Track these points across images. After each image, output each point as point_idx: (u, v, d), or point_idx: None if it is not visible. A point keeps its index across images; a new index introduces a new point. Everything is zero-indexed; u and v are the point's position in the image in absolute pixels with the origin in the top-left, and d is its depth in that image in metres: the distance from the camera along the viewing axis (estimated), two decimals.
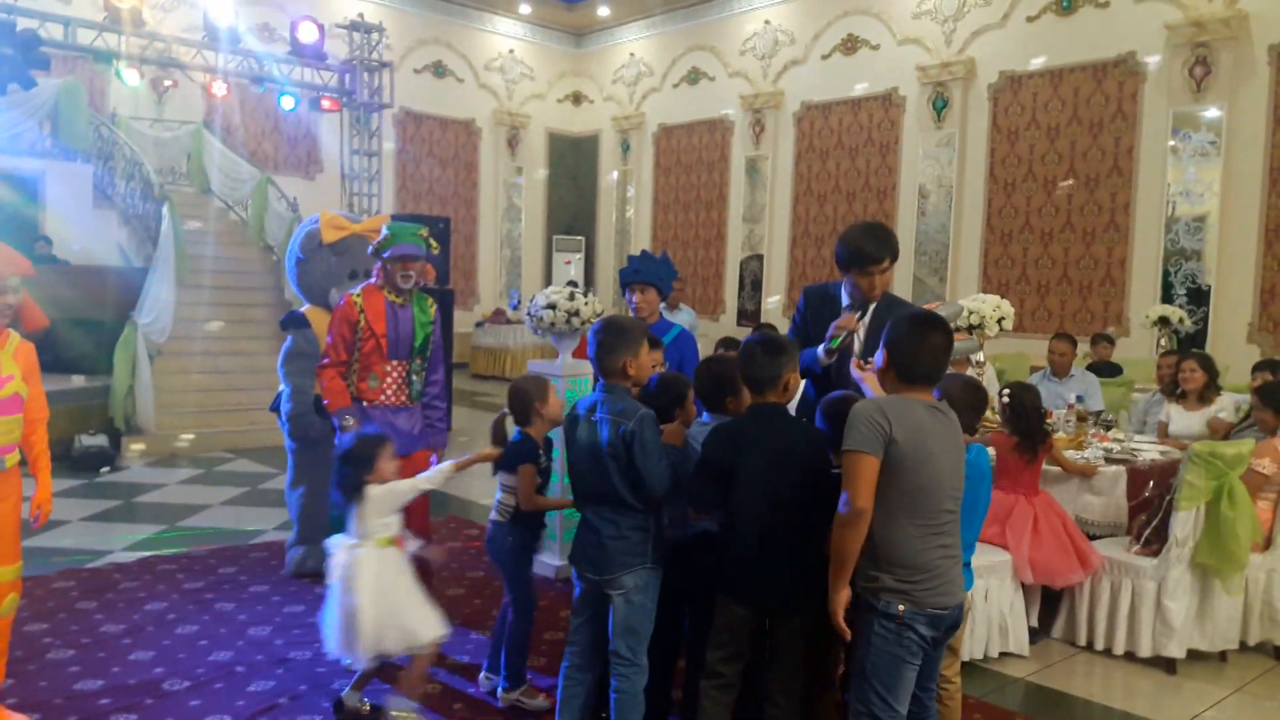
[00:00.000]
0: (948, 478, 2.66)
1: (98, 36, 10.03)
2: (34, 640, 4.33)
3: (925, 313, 2.90)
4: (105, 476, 7.82)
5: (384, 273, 4.29)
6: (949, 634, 2.73)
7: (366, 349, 4.22)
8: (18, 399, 3.37)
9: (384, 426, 4.09)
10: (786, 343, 3.10)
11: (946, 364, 2.79)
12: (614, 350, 3.11)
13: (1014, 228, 11.72)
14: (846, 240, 3.55)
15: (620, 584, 3.07)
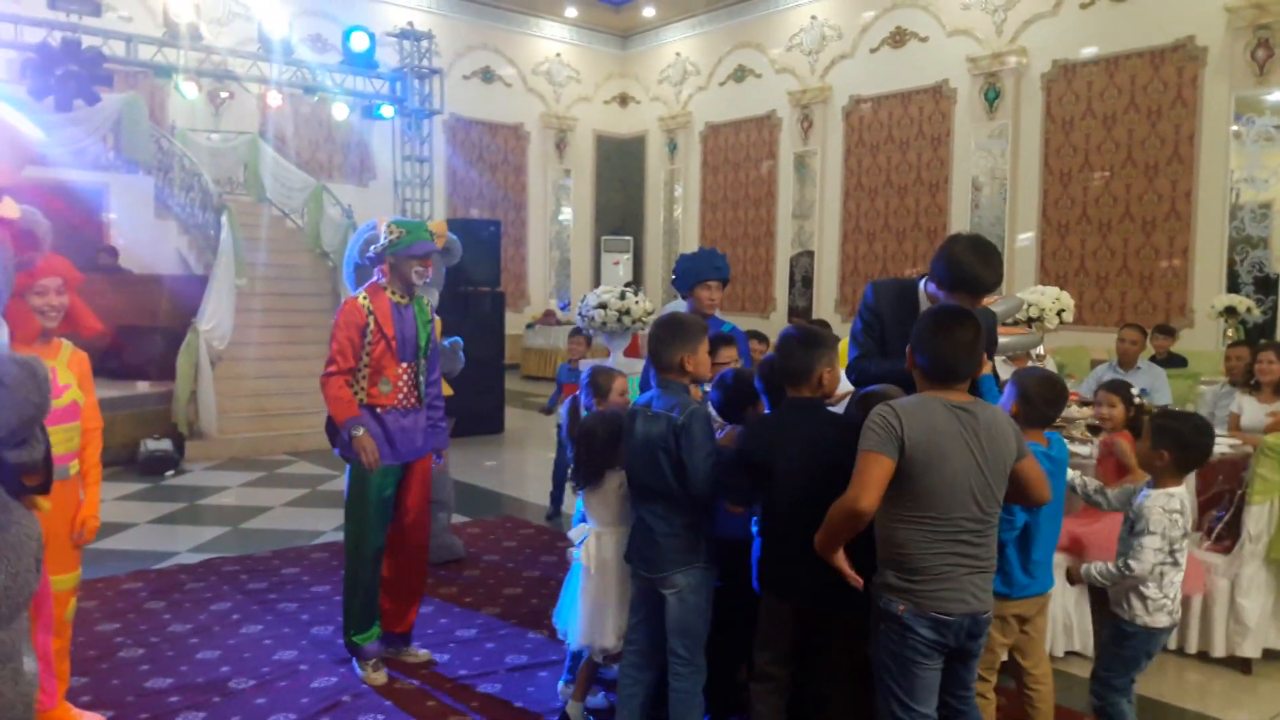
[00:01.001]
0: (969, 481, 2.55)
1: (157, 52, 10.27)
2: (106, 640, 4.43)
3: (952, 307, 2.79)
4: (170, 480, 8.00)
5: (393, 272, 4.08)
6: (971, 642, 2.63)
7: (377, 352, 4.01)
8: (75, 407, 3.39)
9: (398, 431, 4.04)
10: (823, 336, 3.06)
11: (977, 360, 2.66)
12: (671, 345, 3.10)
13: (1071, 219, 11.50)
14: (955, 261, 3.09)
15: (673, 582, 3.06)
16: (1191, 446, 3.10)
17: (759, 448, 2.96)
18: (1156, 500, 3.10)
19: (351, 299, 4.07)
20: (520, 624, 4.70)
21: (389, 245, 4.02)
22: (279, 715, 3.72)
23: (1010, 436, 2.64)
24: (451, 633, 4.59)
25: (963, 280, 3.07)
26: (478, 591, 5.22)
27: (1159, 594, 3.11)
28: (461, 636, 4.55)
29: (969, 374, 2.67)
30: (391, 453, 4.03)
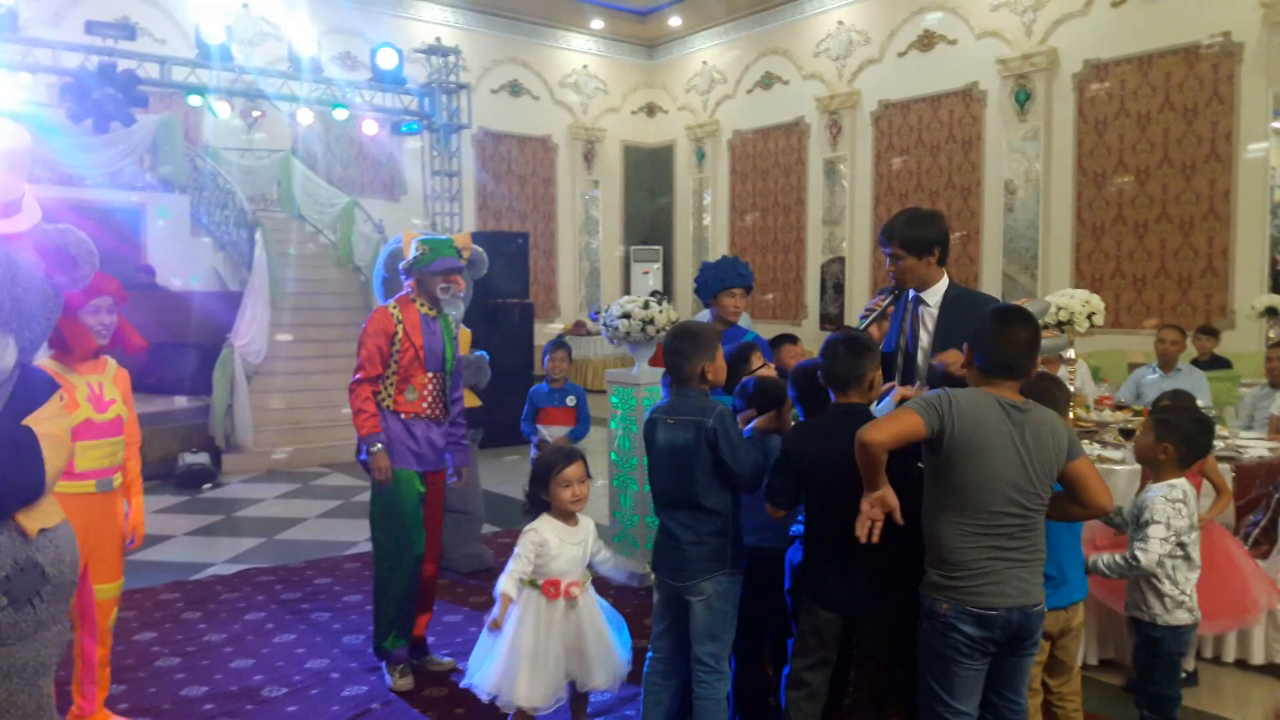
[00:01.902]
0: (1008, 476, 2.54)
1: (190, 73, 10.45)
2: (143, 649, 4.50)
3: (1011, 306, 2.82)
4: (207, 493, 8.11)
5: (419, 287, 4.14)
6: (1020, 641, 2.61)
7: (405, 360, 4.05)
8: (120, 422, 3.50)
9: (425, 441, 4.08)
10: (870, 341, 3.06)
11: (1033, 359, 2.68)
12: (691, 356, 3.10)
13: (1106, 220, 11.36)
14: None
15: (700, 590, 3.05)
16: (1195, 440, 3.10)
17: (802, 453, 2.96)
18: (1158, 491, 3.10)
19: (381, 308, 4.13)
20: None
21: (414, 262, 4.10)
22: None
23: (1062, 437, 2.64)
24: None
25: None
26: None
27: (1175, 590, 3.09)
28: None
29: (1025, 372, 2.69)
30: (418, 460, 4.08)
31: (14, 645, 2.08)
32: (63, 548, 2.18)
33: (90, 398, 3.38)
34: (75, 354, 3.37)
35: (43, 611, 2.12)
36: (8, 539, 2.05)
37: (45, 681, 2.18)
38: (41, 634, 2.14)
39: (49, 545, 2.14)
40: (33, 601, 2.09)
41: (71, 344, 3.34)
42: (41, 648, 2.14)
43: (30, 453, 2.06)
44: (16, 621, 2.06)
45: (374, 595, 4.14)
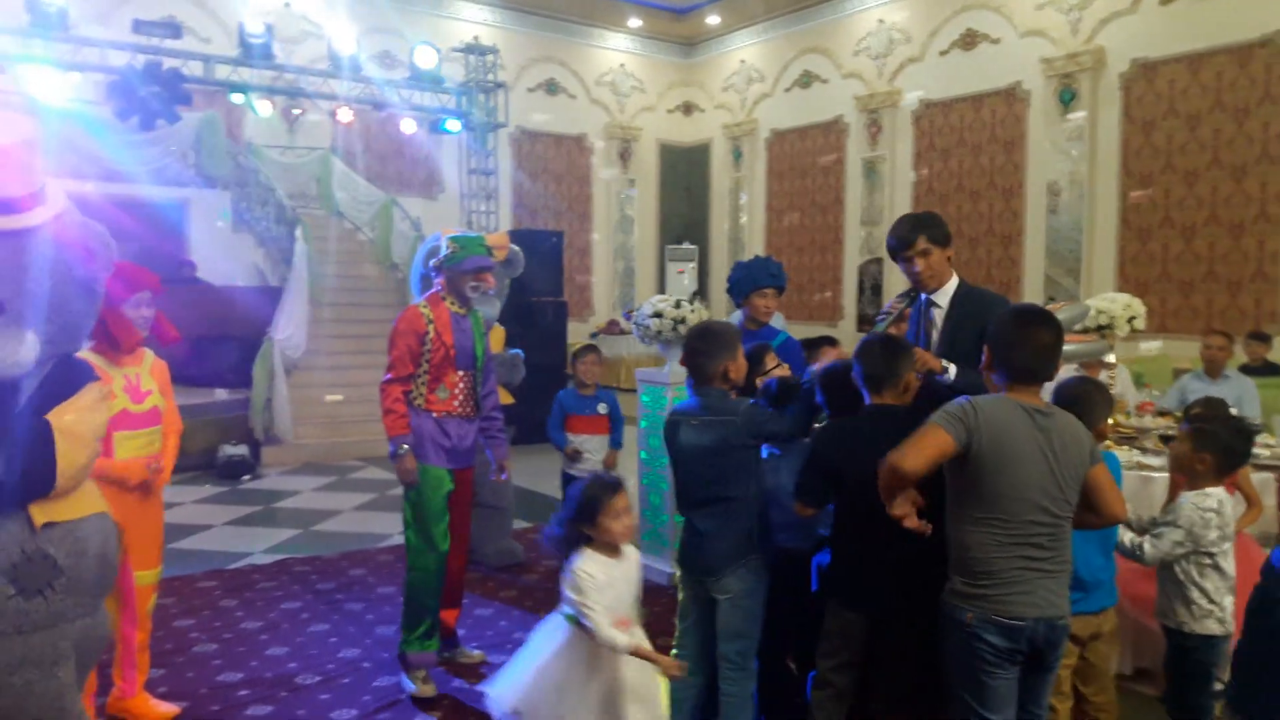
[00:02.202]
0: (1039, 484, 2.48)
1: (233, 71, 10.58)
2: (182, 635, 4.57)
3: (1031, 307, 2.75)
4: (246, 484, 8.21)
5: (449, 284, 4.10)
6: (1044, 656, 2.56)
7: (437, 359, 4.02)
8: (156, 412, 3.58)
9: (456, 439, 4.05)
10: (906, 343, 3.04)
11: (1055, 363, 2.61)
12: (713, 355, 3.12)
13: (1152, 223, 11.15)
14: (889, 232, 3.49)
15: (725, 588, 3.04)
16: (1234, 450, 3.04)
17: (833, 452, 2.93)
18: (1189, 498, 3.06)
19: (412, 307, 4.10)
20: None
21: (445, 260, 4.08)
22: (341, 711, 3.79)
23: (1084, 443, 2.59)
24: (510, 635, 4.64)
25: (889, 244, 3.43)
26: (537, 595, 5.25)
27: (1203, 599, 3.04)
28: (520, 639, 4.49)
29: (1047, 376, 2.62)
30: (448, 458, 4.06)
31: (29, 634, 2.08)
32: (86, 541, 2.17)
33: (127, 389, 3.44)
34: (122, 347, 3.44)
35: (57, 603, 2.11)
36: (16, 528, 2.06)
37: (66, 672, 2.16)
38: (62, 626, 2.13)
39: (65, 537, 2.12)
40: (44, 593, 2.08)
41: (118, 338, 3.40)
42: (59, 639, 2.13)
43: (42, 448, 2.06)
44: (27, 611, 2.07)
45: (405, 597, 4.11)
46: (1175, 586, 3.09)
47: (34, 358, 2.08)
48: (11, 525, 2.05)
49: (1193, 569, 3.06)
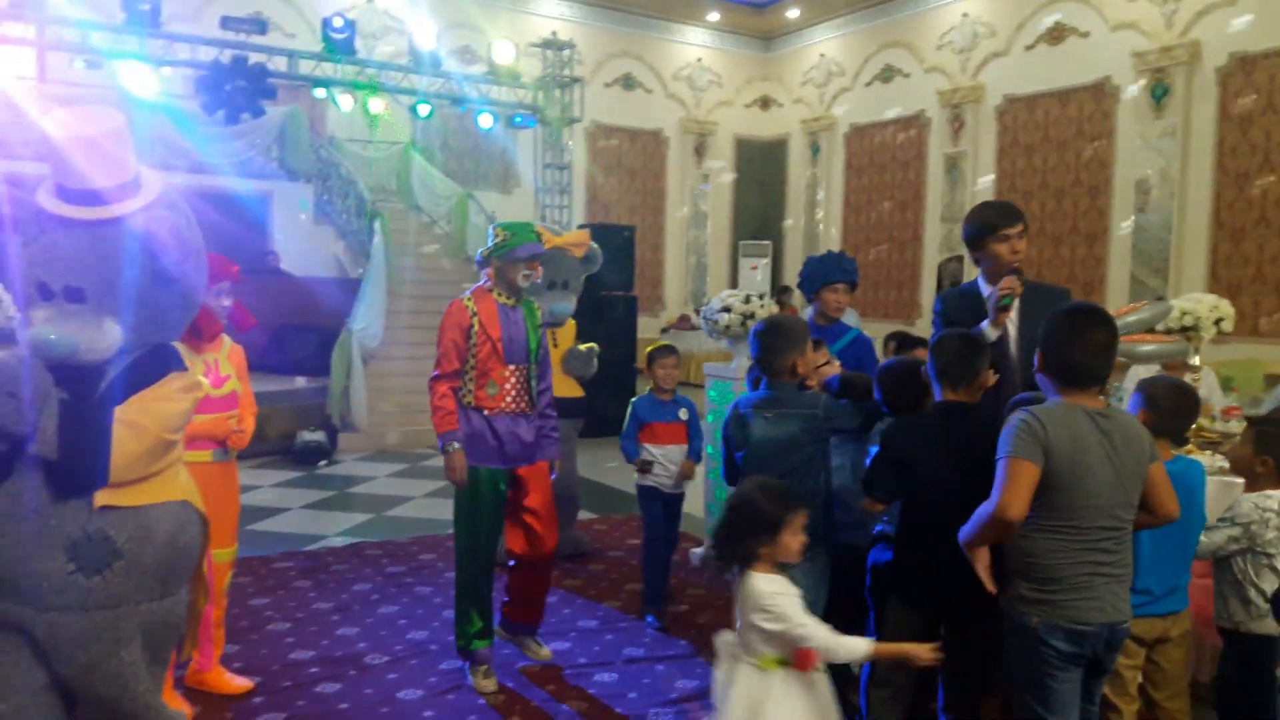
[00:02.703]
0: (1109, 491, 2.43)
1: (316, 66, 10.83)
2: (257, 613, 4.69)
3: (1084, 304, 2.67)
4: (323, 469, 8.41)
5: (498, 275, 3.90)
6: (1108, 654, 2.52)
7: (483, 354, 3.82)
8: (234, 396, 3.69)
9: (509, 437, 3.85)
10: (984, 340, 2.99)
11: (1111, 363, 2.52)
12: (782, 350, 3.12)
13: (1247, 222, 10.71)
14: (971, 217, 3.51)
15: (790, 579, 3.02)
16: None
17: (902, 447, 2.90)
18: (1251, 497, 3.01)
19: (456, 300, 3.93)
20: (640, 618, 4.72)
21: (495, 248, 3.89)
22: (408, 691, 3.86)
23: (1144, 442, 2.52)
24: (574, 622, 4.67)
25: (979, 226, 3.43)
26: (601, 585, 5.28)
27: (1260, 599, 2.96)
28: (583, 627, 4.63)
29: (1103, 377, 2.54)
30: (501, 456, 3.88)
31: (94, 612, 2.16)
32: (152, 528, 2.21)
33: (207, 374, 3.56)
34: (205, 336, 3.54)
35: (118, 585, 2.17)
36: (77, 507, 2.13)
37: (130, 652, 2.22)
38: (125, 607, 2.19)
39: (128, 521, 2.17)
40: (102, 572, 2.15)
41: (201, 326, 3.49)
42: (121, 620, 2.19)
43: (96, 439, 2.11)
44: (89, 589, 2.14)
45: (455, 594, 4.00)
46: (1232, 587, 3.05)
47: (114, 346, 2.14)
48: (74, 506, 2.13)
49: (1250, 568, 3.01)
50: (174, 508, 2.28)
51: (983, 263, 3.47)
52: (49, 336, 2.07)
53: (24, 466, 2.10)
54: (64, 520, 2.12)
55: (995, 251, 3.36)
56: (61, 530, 2.12)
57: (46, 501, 2.11)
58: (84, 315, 2.11)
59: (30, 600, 2.13)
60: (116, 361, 2.19)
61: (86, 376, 2.14)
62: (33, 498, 2.10)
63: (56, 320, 2.09)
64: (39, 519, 2.11)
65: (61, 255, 2.12)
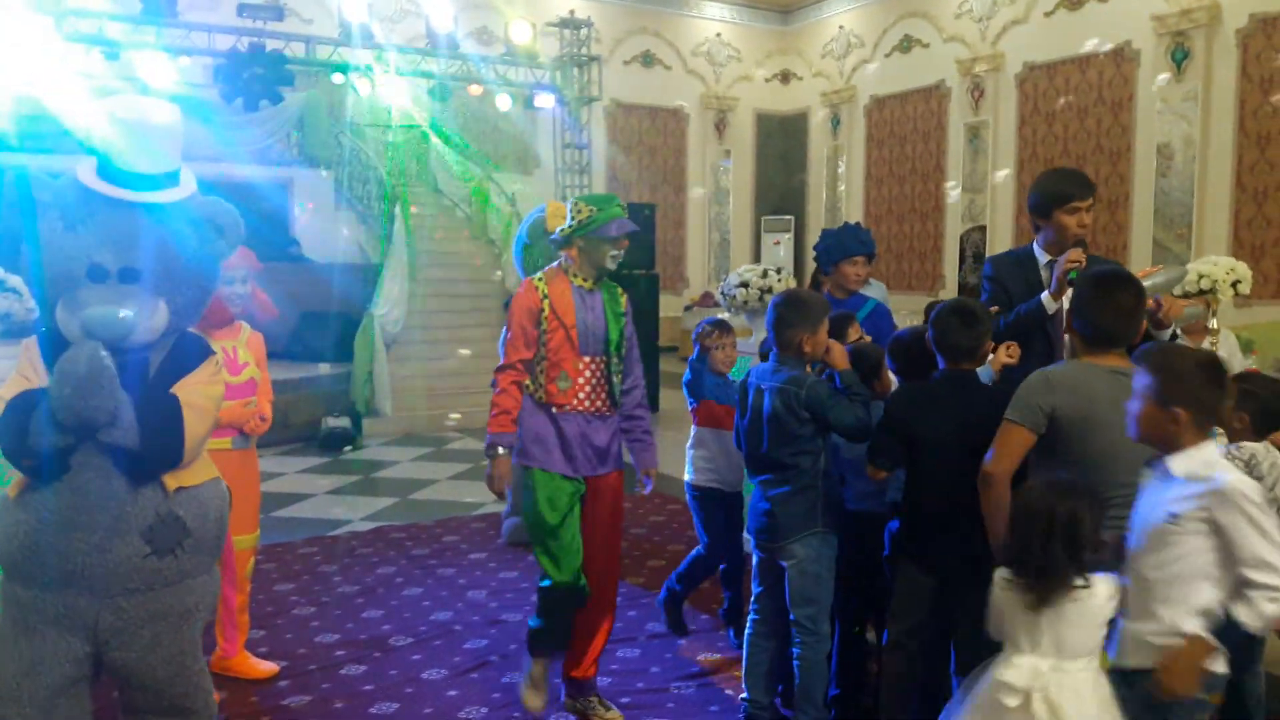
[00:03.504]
0: (1126, 449, 2.45)
1: (334, 52, 10.88)
2: (282, 598, 4.80)
3: (1111, 270, 2.75)
4: (347, 455, 8.52)
5: (582, 256, 3.45)
6: None
7: (554, 342, 3.39)
8: (253, 383, 3.75)
9: (578, 441, 3.39)
10: (983, 311, 3.01)
11: (1136, 326, 2.62)
12: (792, 325, 3.13)
13: (1269, 185, 10.56)
14: (1042, 184, 3.45)
15: (791, 553, 3.08)
16: (1271, 412, 3.04)
17: (906, 415, 2.96)
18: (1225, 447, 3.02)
19: (527, 281, 3.51)
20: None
21: (578, 226, 3.40)
22: (432, 671, 3.94)
23: None
24: (641, 626, 4.49)
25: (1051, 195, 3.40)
26: (624, 562, 5.26)
27: None
28: (651, 630, 4.41)
29: (1128, 340, 2.62)
30: (568, 463, 3.39)
31: (160, 590, 2.27)
32: (206, 504, 2.35)
33: (225, 362, 3.58)
34: (211, 321, 3.56)
35: (185, 562, 2.29)
36: (151, 493, 2.23)
37: (189, 627, 2.35)
38: (187, 582, 2.32)
39: (191, 501, 2.30)
40: (175, 552, 2.26)
41: (209, 312, 3.54)
42: (186, 595, 2.32)
43: (173, 422, 2.21)
44: (160, 569, 2.25)
45: (532, 623, 3.48)
46: None
47: (162, 328, 2.24)
48: (147, 490, 2.22)
49: None
50: (215, 485, 2.41)
51: (1045, 231, 3.44)
52: (118, 314, 2.12)
53: (86, 458, 2.16)
54: (139, 506, 2.20)
55: (1063, 223, 3.34)
56: (137, 515, 2.20)
57: (121, 489, 2.18)
58: (140, 295, 2.18)
59: (100, 588, 2.20)
60: (157, 346, 2.27)
61: (133, 361, 2.21)
62: (103, 487, 2.17)
63: (113, 300, 2.14)
64: (116, 507, 2.18)
65: (117, 236, 2.18)
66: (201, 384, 2.31)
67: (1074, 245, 3.30)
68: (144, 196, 2.20)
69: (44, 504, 2.17)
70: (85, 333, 2.11)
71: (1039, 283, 3.35)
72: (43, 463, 2.15)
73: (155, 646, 2.27)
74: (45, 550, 2.17)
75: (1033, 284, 3.36)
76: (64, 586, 2.19)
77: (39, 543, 2.17)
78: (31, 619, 2.21)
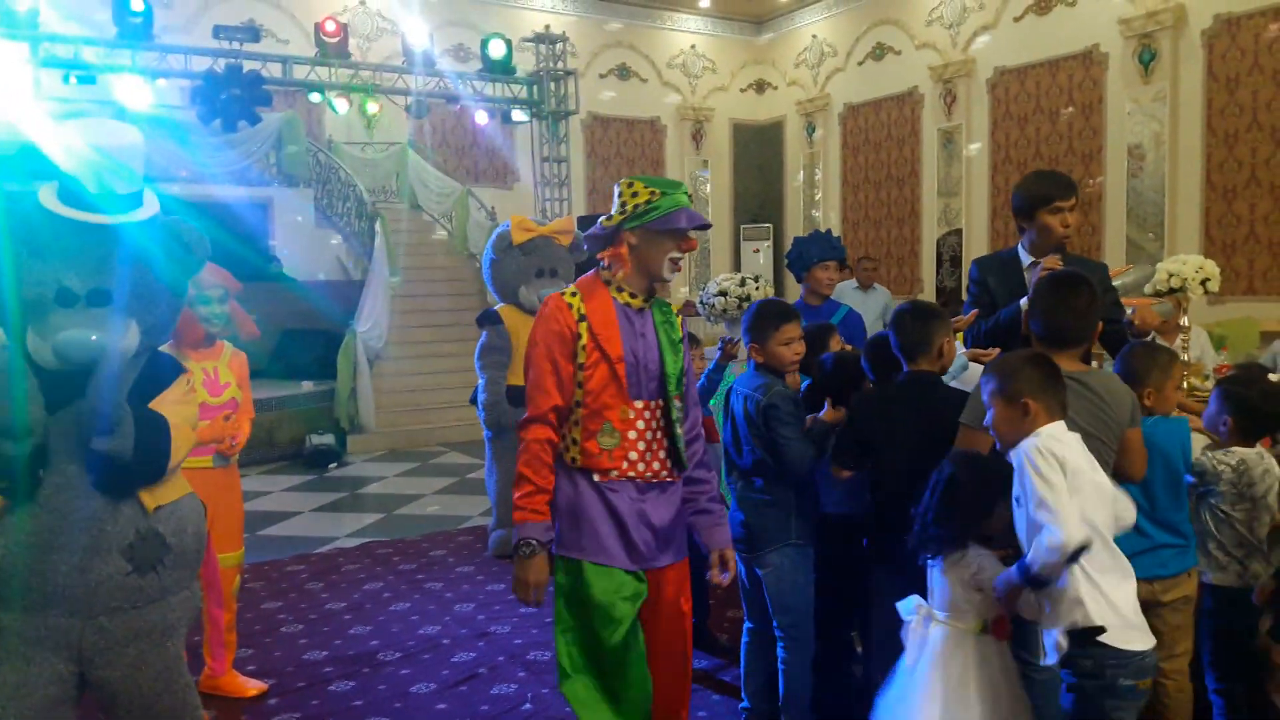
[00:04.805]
0: None
1: (311, 71, 10.91)
2: (270, 616, 4.81)
3: (1068, 272, 2.82)
4: (332, 472, 8.53)
5: (634, 256, 2.55)
6: None
7: (595, 382, 2.49)
8: (235, 404, 3.76)
9: (634, 519, 2.51)
10: (937, 308, 3.08)
11: (1091, 327, 2.68)
12: (747, 332, 3.21)
13: (1238, 182, 10.72)
14: (1025, 186, 3.48)
15: (766, 561, 3.13)
16: (1256, 412, 3.01)
17: (868, 418, 3.01)
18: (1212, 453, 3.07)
19: (554, 298, 2.59)
20: None
21: (634, 214, 2.52)
22: (421, 685, 3.97)
23: (1126, 404, 2.65)
24: None
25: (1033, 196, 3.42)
26: None
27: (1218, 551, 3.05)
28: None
29: (1082, 340, 2.69)
30: (627, 554, 2.52)
31: (143, 609, 2.28)
32: (185, 519, 2.37)
33: (205, 383, 3.62)
34: (185, 340, 3.59)
35: (166, 578, 2.32)
36: (131, 511, 2.25)
37: (173, 643, 2.37)
38: (167, 599, 2.34)
39: (170, 517, 2.33)
40: (156, 569, 2.28)
41: (181, 332, 3.54)
42: (168, 612, 2.34)
43: (161, 436, 2.25)
44: (142, 586, 2.27)
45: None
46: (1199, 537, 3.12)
47: (134, 348, 2.26)
48: (125, 508, 2.24)
49: (1210, 522, 3.08)
50: (191, 500, 2.43)
51: (1029, 233, 3.48)
52: (90, 338, 2.13)
53: (65, 479, 2.18)
54: (119, 524, 2.22)
55: (1046, 224, 3.39)
56: (118, 534, 2.22)
57: (100, 509, 2.20)
58: (110, 318, 2.20)
59: (81, 608, 2.21)
60: (130, 365, 2.29)
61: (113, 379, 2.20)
62: (82, 508, 2.19)
63: (84, 324, 2.15)
64: (96, 526, 2.20)
65: (83, 259, 2.19)
66: (177, 402, 2.35)
67: (1056, 246, 3.38)
68: (108, 218, 2.21)
69: (21, 527, 2.18)
70: (58, 358, 2.13)
71: (1022, 285, 3.39)
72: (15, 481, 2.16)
73: (140, 664, 2.29)
74: (24, 573, 2.18)
75: (1016, 286, 3.40)
76: (45, 608, 2.20)
77: (17, 566, 2.18)
78: (13, 642, 2.22)
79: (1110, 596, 2.33)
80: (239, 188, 11.01)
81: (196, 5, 12.21)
